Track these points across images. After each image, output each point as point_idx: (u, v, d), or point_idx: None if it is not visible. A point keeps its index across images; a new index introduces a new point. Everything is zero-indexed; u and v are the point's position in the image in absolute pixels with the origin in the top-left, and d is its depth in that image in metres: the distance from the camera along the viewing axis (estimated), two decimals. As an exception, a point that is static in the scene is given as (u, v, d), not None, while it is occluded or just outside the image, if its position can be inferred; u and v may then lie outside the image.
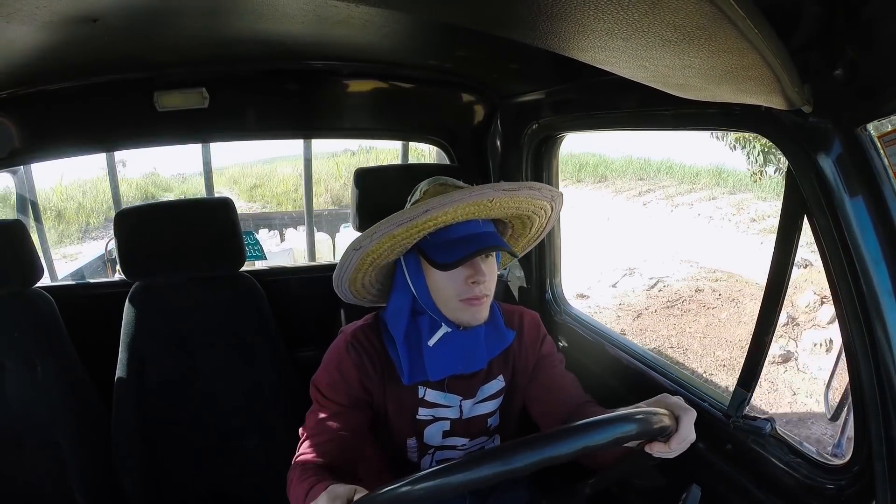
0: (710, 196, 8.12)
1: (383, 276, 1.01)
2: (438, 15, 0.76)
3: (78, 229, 8.70)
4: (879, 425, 0.72)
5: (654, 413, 0.73)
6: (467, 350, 0.98)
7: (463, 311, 0.94)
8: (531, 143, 1.49)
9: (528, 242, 1.10)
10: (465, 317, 0.95)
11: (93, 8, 0.91)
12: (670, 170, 8.97)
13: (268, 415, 1.46)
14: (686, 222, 7.50)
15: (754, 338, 0.92)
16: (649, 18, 0.50)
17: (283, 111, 1.59)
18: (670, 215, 7.86)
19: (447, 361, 0.97)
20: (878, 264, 0.71)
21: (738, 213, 7.11)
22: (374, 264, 0.96)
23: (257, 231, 6.14)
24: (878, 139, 0.69)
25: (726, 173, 8.36)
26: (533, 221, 1.03)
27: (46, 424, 1.36)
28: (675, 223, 7.52)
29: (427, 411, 1.02)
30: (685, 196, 8.32)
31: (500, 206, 0.94)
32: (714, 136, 5.30)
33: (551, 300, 1.58)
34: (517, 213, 0.98)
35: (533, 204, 0.97)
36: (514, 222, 1.03)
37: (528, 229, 1.05)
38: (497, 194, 0.91)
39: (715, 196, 8.08)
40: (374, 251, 0.93)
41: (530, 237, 1.08)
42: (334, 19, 1.05)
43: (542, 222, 1.05)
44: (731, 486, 0.94)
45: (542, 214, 1.02)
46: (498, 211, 0.95)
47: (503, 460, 0.63)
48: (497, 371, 1.04)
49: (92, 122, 1.46)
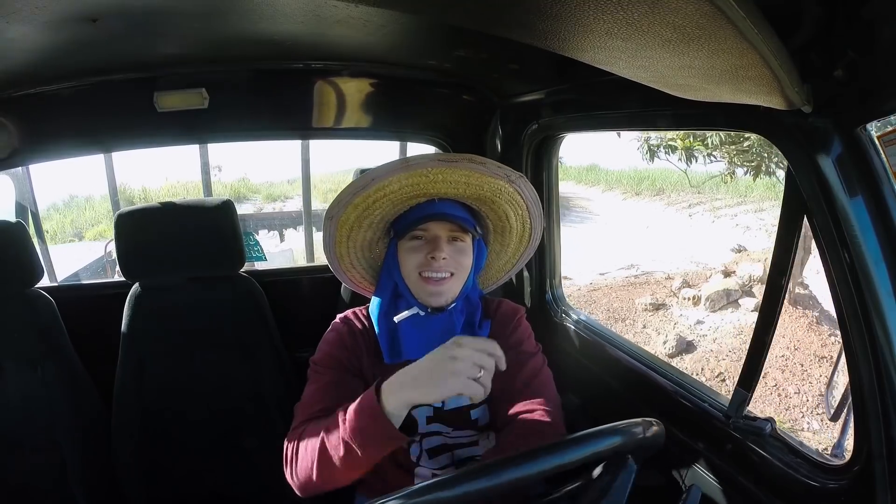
0: (758, 208, 8.89)
1: (379, 265, 1.09)
2: (438, 15, 0.76)
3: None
4: (879, 425, 0.72)
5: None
6: (438, 334, 0.97)
7: (421, 288, 0.99)
8: (531, 144, 1.49)
9: (519, 243, 1.12)
10: (423, 294, 1.00)
11: (93, 8, 0.91)
12: (726, 183, 9.59)
13: (267, 415, 1.46)
14: (723, 231, 8.20)
15: (754, 338, 0.92)
16: (649, 18, 0.50)
17: (282, 112, 1.59)
18: (711, 225, 8.76)
19: (418, 343, 1.00)
20: (878, 264, 0.71)
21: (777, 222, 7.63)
22: (354, 240, 1.04)
23: (257, 232, 6.15)
24: (878, 139, 0.69)
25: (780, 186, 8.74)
26: (506, 211, 1.05)
27: (46, 424, 1.36)
28: (712, 231, 8.31)
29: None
30: (731, 209, 9.17)
31: (445, 180, 0.96)
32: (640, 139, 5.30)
33: (551, 300, 1.58)
34: (475, 193, 1.00)
35: (485, 181, 0.98)
36: (484, 210, 1.05)
37: (505, 223, 1.07)
38: (434, 164, 0.95)
39: (763, 208, 8.83)
40: (346, 222, 1.01)
41: (515, 237, 1.10)
42: (334, 19, 1.05)
43: (519, 213, 1.06)
44: (731, 486, 0.94)
45: (509, 201, 1.03)
46: (445, 185, 0.97)
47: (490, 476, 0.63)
48: None
49: (92, 122, 1.46)
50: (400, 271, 1.01)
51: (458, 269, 1.00)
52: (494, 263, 1.16)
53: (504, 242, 1.12)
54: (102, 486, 1.41)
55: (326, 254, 1.07)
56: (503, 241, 1.12)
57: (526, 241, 1.12)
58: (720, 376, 4.58)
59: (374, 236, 1.06)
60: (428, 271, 0.98)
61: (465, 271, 1.02)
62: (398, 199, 0.98)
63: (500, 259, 1.16)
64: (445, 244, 0.99)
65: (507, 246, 1.13)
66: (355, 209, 0.99)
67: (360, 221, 1.01)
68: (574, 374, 1.34)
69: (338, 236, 1.03)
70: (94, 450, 1.41)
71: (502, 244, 1.13)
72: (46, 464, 1.36)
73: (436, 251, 0.97)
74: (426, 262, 0.98)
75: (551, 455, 0.66)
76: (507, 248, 1.13)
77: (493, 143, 1.65)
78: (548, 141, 1.48)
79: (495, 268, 1.17)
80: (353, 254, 1.07)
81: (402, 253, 1.01)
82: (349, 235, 1.04)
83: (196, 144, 4.08)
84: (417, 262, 0.99)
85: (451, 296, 1.01)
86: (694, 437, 1.01)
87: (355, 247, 1.06)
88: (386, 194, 0.97)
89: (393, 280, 1.04)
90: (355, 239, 1.05)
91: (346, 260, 1.08)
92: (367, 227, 1.03)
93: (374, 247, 1.08)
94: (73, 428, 1.38)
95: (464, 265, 1.01)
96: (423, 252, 0.98)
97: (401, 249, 1.01)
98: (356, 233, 1.03)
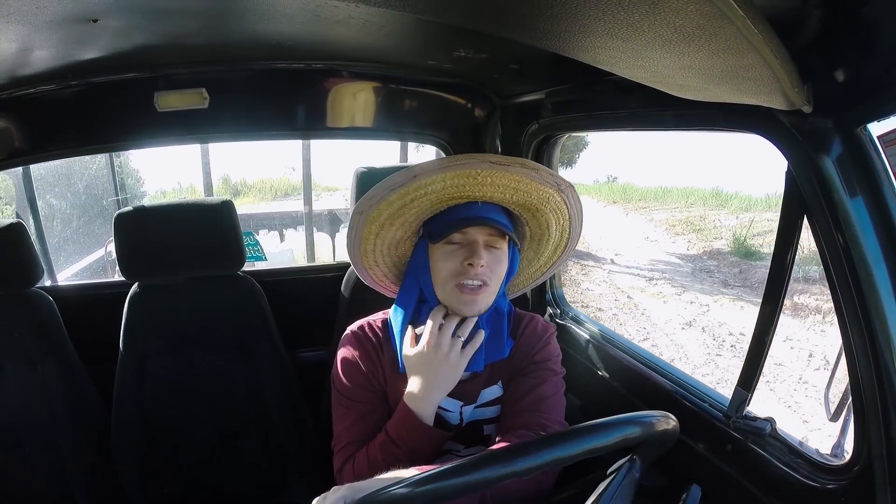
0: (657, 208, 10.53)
1: (403, 263, 1.03)
2: (439, 15, 0.76)
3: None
4: (879, 425, 0.72)
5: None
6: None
7: (455, 296, 0.94)
8: (531, 144, 1.49)
9: (553, 253, 1.07)
10: (456, 303, 0.95)
11: (93, 8, 0.90)
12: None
13: (267, 415, 1.46)
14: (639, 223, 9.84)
15: (754, 338, 0.92)
16: (649, 19, 0.50)
17: (283, 112, 1.59)
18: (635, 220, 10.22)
19: None
20: (878, 264, 0.70)
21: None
22: (383, 238, 0.98)
23: (257, 232, 6.15)
24: (878, 139, 0.69)
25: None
26: (549, 220, 1.00)
27: (46, 424, 1.36)
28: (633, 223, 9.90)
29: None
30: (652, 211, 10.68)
31: (493, 183, 0.91)
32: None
33: (551, 301, 1.58)
34: (522, 200, 0.95)
35: (534, 188, 0.94)
36: (525, 217, 1.00)
37: (545, 231, 1.02)
38: (485, 165, 0.90)
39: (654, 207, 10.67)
40: (376, 219, 0.95)
41: (551, 246, 1.05)
42: (334, 19, 1.05)
43: (560, 223, 1.01)
44: (731, 486, 0.94)
45: (554, 210, 0.98)
46: (492, 189, 0.92)
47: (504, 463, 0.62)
48: (497, 376, 1.03)
49: (92, 122, 1.46)
50: (430, 276, 0.96)
51: (493, 278, 0.95)
52: (525, 271, 1.10)
53: (539, 251, 1.07)
54: (102, 485, 1.41)
55: (350, 250, 1.01)
56: (538, 249, 1.06)
57: (561, 250, 1.07)
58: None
59: (403, 235, 0.99)
60: (464, 279, 0.92)
61: (499, 280, 0.96)
62: (439, 199, 0.92)
63: (531, 267, 1.10)
64: (484, 249, 0.93)
65: (540, 254, 1.07)
66: (389, 206, 0.93)
67: (393, 220, 0.95)
68: (574, 374, 1.34)
69: (365, 232, 0.97)
70: (94, 449, 1.41)
71: (536, 252, 1.07)
72: (46, 464, 1.36)
73: (474, 257, 0.91)
74: (462, 270, 0.92)
75: (571, 441, 0.66)
76: (539, 257, 1.08)
77: (493, 142, 1.65)
78: (548, 141, 1.48)
79: (524, 275, 1.11)
80: (378, 251, 1.01)
81: (435, 257, 0.95)
82: (378, 233, 0.97)
83: (196, 144, 4.09)
84: (453, 269, 0.93)
85: (486, 305, 0.96)
86: (694, 437, 1.01)
87: (382, 244, 1.00)
88: (427, 193, 0.91)
89: (419, 284, 0.98)
90: (384, 237, 0.98)
91: (371, 257, 1.02)
92: (398, 226, 0.96)
93: (401, 245, 1.01)
94: (73, 428, 1.39)
95: (498, 274, 0.96)
96: (460, 258, 0.92)
97: (434, 252, 0.95)
98: (386, 231, 0.97)
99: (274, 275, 1.83)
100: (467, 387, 1.01)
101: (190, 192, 11.49)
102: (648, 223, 9.88)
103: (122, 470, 1.41)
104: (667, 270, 7.45)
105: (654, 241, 8.93)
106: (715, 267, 7.46)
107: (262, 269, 2.18)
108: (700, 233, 8.83)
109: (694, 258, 7.92)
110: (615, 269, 7.55)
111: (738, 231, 8.12)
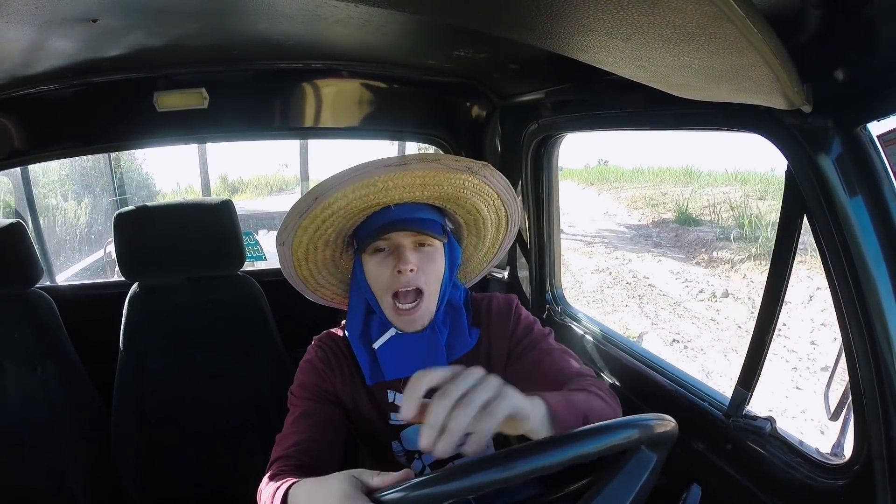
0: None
1: (349, 278, 1.01)
2: (438, 15, 0.76)
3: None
4: (879, 425, 0.72)
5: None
6: (421, 353, 0.95)
7: (395, 317, 0.92)
8: (531, 143, 1.49)
9: (497, 232, 1.04)
10: (397, 323, 0.93)
11: (93, 8, 0.90)
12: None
13: (267, 415, 1.46)
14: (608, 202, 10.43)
15: (754, 337, 0.92)
16: (649, 18, 0.50)
17: (283, 112, 1.59)
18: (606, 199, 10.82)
19: (400, 364, 0.95)
20: (878, 264, 0.70)
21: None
22: (314, 261, 0.97)
23: (257, 232, 6.15)
24: (877, 139, 0.69)
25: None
26: (474, 204, 0.96)
27: (46, 424, 1.36)
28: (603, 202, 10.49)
29: (400, 416, 1.00)
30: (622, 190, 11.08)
31: (397, 185, 0.87)
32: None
33: (551, 300, 1.58)
34: (435, 193, 0.91)
35: (444, 178, 0.89)
36: (450, 207, 0.96)
37: (476, 216, 0.99)
38: (381, 171, 0.85)
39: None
40: (298, 247, 0.93)
41: (491, 227, 1.02)
42: (334, 19, 1.05)
43: (491, 202, 0.97)
44: (731, 486, 0.94)
45: (476, 193, 0.94)
46: (398, 191, 0.88)
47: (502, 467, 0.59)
48: (470, 366, 1.01)
49: (92, 122, 1.46)
50: (370, 289, 0.93)
51: (429, 280, 0.91)
52: (473, 257, 1.08)
53: (480, 234, 1.03)
54: (102, 485, 1.41)
55: (288, 278, 1.01)
56: (479, 232, 1.03)
57: (504, 229, 1.04)
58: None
59: (334, 252, 0.98)
60: (398, 287, 0.90)
61: (437, 281, 0.93)
62: (349, 213, 0.90)
63: (479, 251, 1.07)
64: (411, 252, 0.90)
65: (483, 238, 1.04)
66: (305, 232, 0.92)
67: (315, 242, 0.94)
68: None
69: (294, 260, 0.96)
70: (94, 449, 1.41)
71: (478, 236, 1.04)
72: (46, 464, 1.36)
73: (401, 263, 0.88)
74: (394, 278, 0.89)
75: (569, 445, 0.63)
76: (483, 240, 1.05)
77: (493, 142, 1.65)
78: (548, 141, 1.48)
79: (475, 261, 1.09)
80: (316, 274, 1.00)
81: (368, 268, 0.92)
82: (307, 258, 0.96)
83: (196, 144, 4.09)
84: (386, 279, 0.90)
85: (428, 316, 0.93)
86: (694, 437, 1.01)
87: (317, 266, 0.99)
88: (334, 211, 0.89)
89: (363, 297, 0.96)
90: (315, 260, 0.97)
91: (313, 281, 1.01)
92: (323, 247, 0.95)
93: (339, 261, 1.00)
94: (73, 428, 1.38)
95: (434, 274, 0.92)
96: (390, 267, 0.90)
97: (366, 264, 0.92)
98: (313, 254, 0.96)
99: (274, 275, 1.83)
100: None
101: (188, 193, 11.64)
102: (615, 201, 10.35)
103: (122, 469, 1.41)
104: (609, 237, 8.19)
105: (613, 214, 9.53)
106: (655, 233, 8.17)
107: (262, 269, 2.18)
108: (655, 207, 9.34)
109: (640, 227, 8.66)
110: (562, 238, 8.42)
111: (683, 203, 8.70)
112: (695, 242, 7.32)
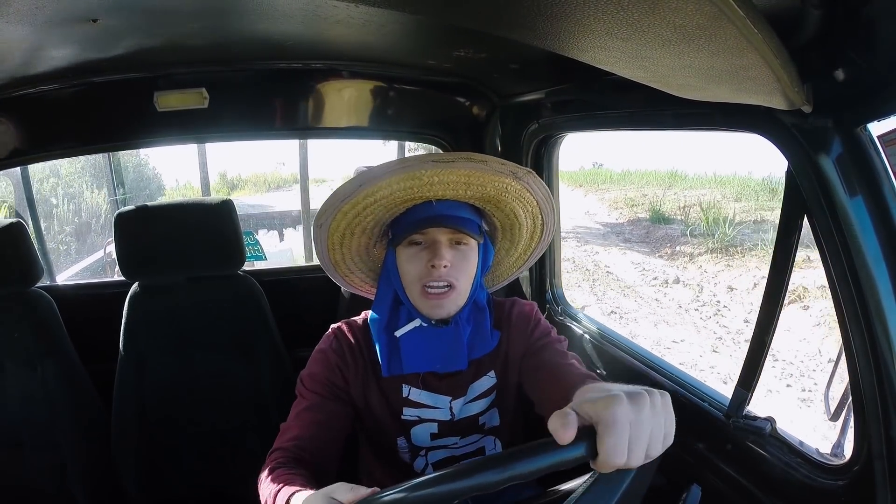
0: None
1: (379, 267, 1.03)
2: (438, 15, 0.76)
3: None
4: (879, 425, 0.72)
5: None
6: (443, 347, 0.96)
7: (422, 301, 0.93)
8: (531, 143, 1.49)
9: (531, 239, 1.05)
10: (424, 308, 0.94)
11: (93, 8, 0.90)
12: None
13: (268, 415, 1.46)
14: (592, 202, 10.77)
15: (754, 338, 0.92)
16: (649, 18, 0.50)
17: (283, 111, 1.59)
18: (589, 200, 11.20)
19: (421, 356, 0.96)
20: (878, 264, 0.70)
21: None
22: (348, 246, 0.99)
23: (256, 231, 6.15)
24: (878, 139, 0.69)
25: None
26: (514, 209, 0.97)
27: (46, 424, 1.36)
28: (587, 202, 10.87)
29: (412, 411, 1.00)
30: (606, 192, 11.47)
31: (441, 181, 0.89)
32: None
33: (551, 300, 1.58)
34: (478, 193, 0.93)
35: (488, 180, 0.91)
36: (489, 209, 0.97)
37: (513, 220, 1.00)
38: (428, 165, 0.87)
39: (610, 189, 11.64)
40: (336, 230, 0.95)
41: (525, 233, 1.03)
42: (334, 19, 1.05)
43: (529, 209, 0.98)
44: (731, 486, 0.94)
45: (517, 197, 0.95)
46: (441, 187, 0.90)
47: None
48: (487, 367, 1.02)
49: (92, 122, 1.46)
50: (400, 280, 0.95)
51: (460, 278, 0.93)
52: (504, 261, 1.09)
53: (514, 240, 1.04)
54: (102, 485, 1.41)
55: (321, 262, 1.02)
56: (513, 238, 1.04)
57: (538, 237, 1.05)
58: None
59: (369, 241, 0.99)
60: (429, 281, 0.91)
61: (470, 278, 0.95)
62: (390, 203, 0.92)
63: (510, 256, 1.08)
64: (447, 249, 0.91)
65: (517, 243, 1.05)
66: (344, 216, 0.93)
67: (352, 228, 0.95)
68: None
69: (329, 244, 0.98)
70: (94, 450, 1.41)
71: (512, 241, 1.05)
72: (46, 464, 1.36)
73: (436, 258, 0.90)
74: (427, 272, 0.91)
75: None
76: (517, 246, 1.06)
77: (493, 142, 1.65)
78: (548, 141, 1.48)
79: (504, 266, 1.10)
80: (348, 260, 1.02)
81: (401, 260, 0.94)
82: (342, 242, 0.98)
83: (196, 144, 4.09)
84: (418, 272, 0.92)
85: (455, 308, 0.95)
86: (694, 437, 1.02)
87: (350, 252, 1.00)
88: (376, 199, 0.90)
89: (392, 288, 0.97)
90: (349, 245, 0.99)
91: (343, 266, 1.03)
92: (360, 233, 0.97)
93: (372, 250, 1.02)
94: (73, 428, 1.39)
95: (467, 272, 0.94)
96: (424, 260, 0.91)
97: (399, 256, 0.94)
98: (349, 239, 0.97)
99: (274, 274, 1.83)
100: (455, 381, 1.00)
101: (188, 189, 11.79)
102: (599, 201, 10.75)
103: (122, 469, 1.41)
104: (584, 233, 8.67)
105: (593, 214, 9.98)
106: (628, 230, 8.65)
107: (262, 268, 2.18)
108: (634, 207, 9.74)
109: (615, 225, 9.11)
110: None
111: (656, 204, 9.14)
112: (662, 238, 7.81)
